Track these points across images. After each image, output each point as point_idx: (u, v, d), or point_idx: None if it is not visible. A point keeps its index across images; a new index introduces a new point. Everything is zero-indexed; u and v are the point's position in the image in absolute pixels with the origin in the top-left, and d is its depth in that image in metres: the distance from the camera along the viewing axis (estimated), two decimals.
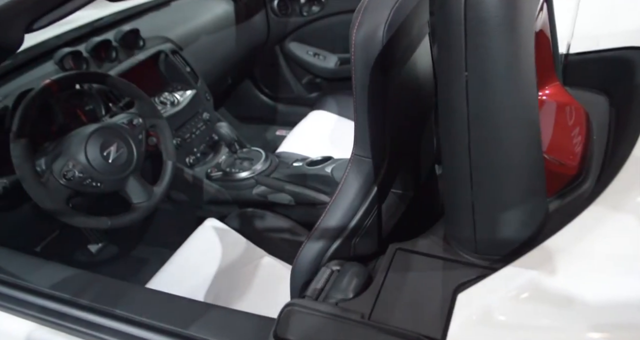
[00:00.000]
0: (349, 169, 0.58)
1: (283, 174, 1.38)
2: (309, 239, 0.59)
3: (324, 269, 0.53)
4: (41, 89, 0.91)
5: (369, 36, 0.52)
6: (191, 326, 0.52)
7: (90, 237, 1.61)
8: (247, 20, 1.83)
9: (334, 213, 0.57)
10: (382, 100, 0.54)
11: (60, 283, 0.62)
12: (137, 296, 0.60)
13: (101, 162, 0.99)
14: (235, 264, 1.23)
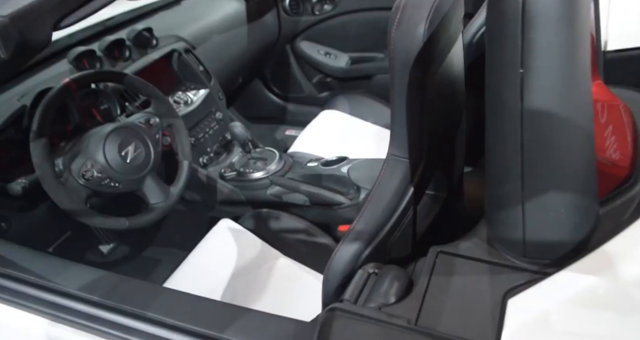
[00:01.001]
0: (385, 169, 0.57)
1: (297, 174, 1.36)
2: (343, 241, 0.58)
3: (361, 272, 0.52)
4: (61, 88, 0.90)
5: (410, 34, 0.51)
6: (226, 330, 0.51)
7: (102, 238, 1.60)
8: (258, 19, 1.82)
9: (370, 215, 0.55)
10: (421, 99, 0.53)
11: (88, 285, 0.61)
12: (168, 298, 0.58)
13: (119, 162, 0.98)
14: (251, 265, 1.22)
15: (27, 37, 0.58)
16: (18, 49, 0.57)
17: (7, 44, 0.56)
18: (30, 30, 0.57)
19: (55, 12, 0.59)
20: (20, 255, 0.72)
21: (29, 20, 0.57)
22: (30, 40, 0.58)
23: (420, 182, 0.56)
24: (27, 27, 0.57)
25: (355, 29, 1.84)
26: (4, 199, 1.00)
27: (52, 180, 0.87)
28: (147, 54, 1.40)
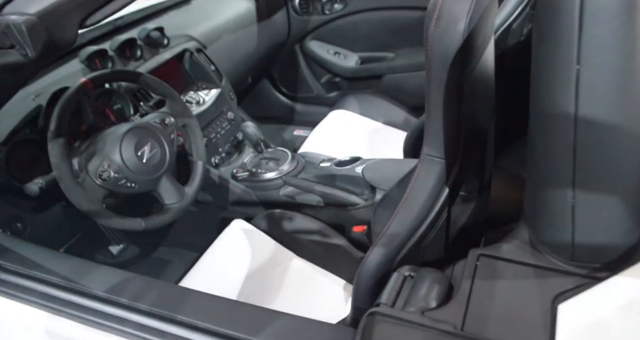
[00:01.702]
0: (420, 170, 0.56)
1: (310, 175, 1.35)
2: (376, 243, 0.57)
3: (396, 275, 0.50)
4: (78, 88, 0.89)
5: (449, 30, 0.50)
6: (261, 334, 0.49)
7: (111, 238, 1.59)
8: (268, 18, 1.81)
9: (405, 216, 0.54)
10: (458, 98, 0.52)
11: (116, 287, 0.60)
12: (196, 301, 0.57)
13: (135, 162, 0.97)
14: (265, 266, 1.21)
15: (54, 36, 0.57)
16: (45, 48, 0.56)
17: (35, 42, 0.55)
18: (57, 28, 0.56)
19: (81, 9, 0.58)
20: (45, 256, 0.71)
21: (56, 18, 0.56)
22: (57, 38, 0.57)
23: (455, 183, 0.55)
24: (54, 25, 0.56)
25: (366, 28, 1.83)
26: (19, 200, 0.99)
27: (70, 180, 0.86)
28: (159, 54, 1.39)
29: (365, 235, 1.22)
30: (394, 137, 1.69)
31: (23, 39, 0.55)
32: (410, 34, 1.77)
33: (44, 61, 0.60)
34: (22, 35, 0.55)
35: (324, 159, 1.42)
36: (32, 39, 0.55)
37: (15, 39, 0.55)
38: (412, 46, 1.81)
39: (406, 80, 1.84)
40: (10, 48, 0.57)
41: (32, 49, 0.55)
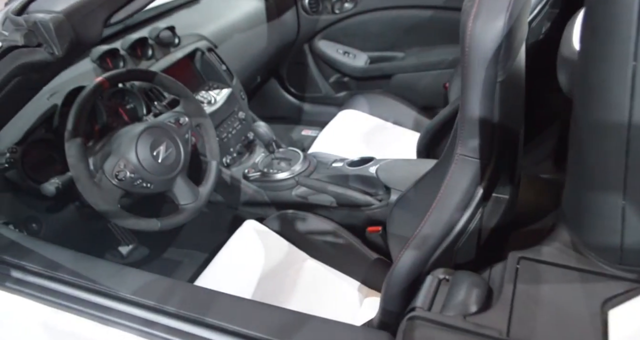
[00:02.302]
0: (453, 170, 0.55)
1: (323, 175, 1.34)
2: (408, 245, 0.56)
3: (431, 278, 0.49)
4: (95, 87, 0.88)
5: (489, 26, 0.48)
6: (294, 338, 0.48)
7: (121, 239, 1.58)
8: (277, 18, 1.80)
9: (438, 217, 0.53)
10: (494, 96, 0.51)
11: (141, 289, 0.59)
12: (223, 303, 0.56)
13: (151, 162, 0.96)
14: (278, 267, 1.20)
15: (80, 34, 0.56)
16: (71, 46, 0.55)
17: (62, 40, 0.54)
18: (83, 26, 0.55)
19: (106, 7, 0.57)
20: (68, 258, 0.70)
21: (82, 16, 0.55)
22: (83, 36, 0.56)
23: (488, 183, 0.54)
24: (80, 23, 0.55)
25: (376, 27, 1.82)
26: (33, 200, 0.98)
27: (87, 181, 0.85)
28: (170, 53, 1.38)
29: (380, 236, 1.21)
30: (405, 137, 1.68)
31: (50, 37, 0.54)
32: (421, 33, 1.76)
33: (68, 60, 0.60)
34: (49, 33, 0.54)
35: (335, 159, 1.41)
36: (59, 37, 0.54)
37: (42, 37, 0.54)
38: (422, 45, 1.80)
39: (416, 80, 1.83)
40: (37, 46, 0.56)
41: (59, 47, 0.54)
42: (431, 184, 0.97)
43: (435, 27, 1.72)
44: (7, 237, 0.74)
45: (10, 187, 0.92)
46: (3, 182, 0.91)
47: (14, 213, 0.91)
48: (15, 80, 0.60)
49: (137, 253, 1.61)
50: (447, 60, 1.73)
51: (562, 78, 0.59)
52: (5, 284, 0.64)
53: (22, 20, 0.54)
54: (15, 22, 0.55)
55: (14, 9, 0.56)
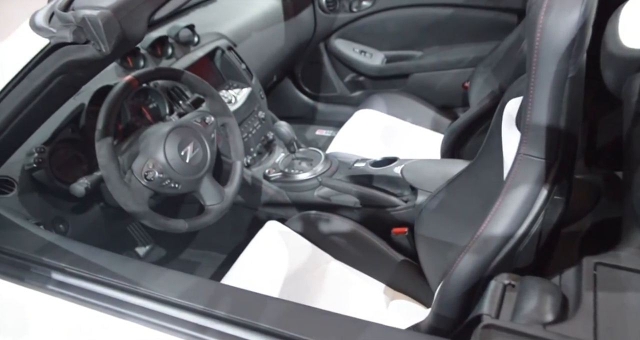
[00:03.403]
0: (517, 170, 0.53)
1: (345, 175, 1.33)
2: (468, 249, 0.54)
3: (495, 284, 0.48)
4: (124, 85, 0.87)
5: (564, 18, 0.46)
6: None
7: (138, 239, 1.57)
8: (294, 16, 1.79)
9: (500, 220, 0.51)
10: (562, 92, 0.49)
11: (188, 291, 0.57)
12: (271, 306, 0.55)
13: (179, 162, 0.94)
14: (302, 269, 1.18)
15: (127, 31, 0.54)
16: (118, 43, 0.54)
17: (109, 37, 0.52)
18: (129, 23, 0.54)
19: (150, 3, 0.55)
20: (106, 259, 0.68)
21: (128, 12, 0.53)
22: (129, 33, 0.55)
23: (552, 184, 0.52)
24: (126, 19, 0.54)
25: (394, 26, 1.80)
26: (60, 200, 0.96)
27: (117, 181, 0.83)
28: (190, 52, 1.36)
29: (405, 237, 1.19)
30: (423, 137, 1.66)
31: (98, 33, 0.53)
32: (440, 32, 1.74)
33: (113, 58, 0.58)
34: (97, 29, 0.52)
35: (357, 159, 1.40)
36: (107, 33, 0.52)
37: (90, 34, 0.53)
38: (441, 44, 1.78)
39: (435, 79, 1.81)
40: (85, 43, 0.54)
41: (107, 44, 0.53)
42: (466, 184, 0.96)
43: (455, 26, 1.70)
44: (44, 238, 0.73)
45: (37, 187, 0.91)
46: (30, 182, 0.90)
47: (42, 214, 0.90)
48: (59, 79, 0.59)
49: (154, 254, 1.59)
50: (466, 59, 1.71)
51: (608, 75, 0.57)
52: (47, 286, 0.62)
53: (70, 16, 0.53)
54: (64, 18, 0.53)
55: (60, 4, 0.55)
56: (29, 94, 0.60)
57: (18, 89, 0.59)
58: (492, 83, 1.44)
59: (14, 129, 0.63)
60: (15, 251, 0.68)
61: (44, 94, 0.60)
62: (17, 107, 0.61)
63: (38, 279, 0.64)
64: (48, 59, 0.57)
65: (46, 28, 0.55)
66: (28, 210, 0.86)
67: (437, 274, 1.01)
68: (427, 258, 1.06)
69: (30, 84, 0.59)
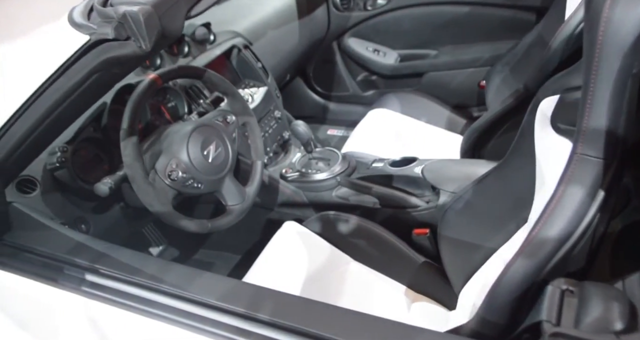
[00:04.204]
0: (573, 171, 0.51)
1: (363, 175, 1.31)
2: (520, 253, 0.52)
3: (552, 289, 0.46)
4: (149, 84, 0.85)
5: (630, 12, 0.44)
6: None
7: (152, 240, 1.55)
8: (308, 14, 1.77)
9: (556, 222, 0.50)
10: (625, 89, 0.47)
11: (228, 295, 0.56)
12: (315, 309, 0.53)
13: (202, 161, 0.93)
14: (322, 270, 1.16)
15: (166, 26, 0.53)
16: (158, 39, 0.52)
17: (150, 33, 0.51)
18: (168, 18, 0.52)
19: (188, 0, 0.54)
20: (141, 261, 0.67)
21: (167, 7, 0.52)
22: (168, 29, 0.53)
23: (609, 186, 0.50)
24: (165, 15, 0.52)
25: (408, 24, 1.78)
26: (80, 200, 0.95)
27: (142, 181, 0.82)
28: (206, 50, 1.35)
29: (427, 238, 1.18)
30: (439, 137, 1.64)
31: (139, 29, 0.51)
32: (456, 30, 1.73)
33: (151, 54, 0.57)
34: (138, 25, 0.51)
35: (375, 159, 1.38)
36: (148, 30, 0.51)
37: (131, 30, 0.51)
38: (456, 43, 1.77)
39: (450, 78, 1.79)
40: (126, 40, 0.53)
41: (148, 40, 0.51)
42: (494, 185, 0.94)
43: (471, 24, 1.68)
44: (73, 239, 0.71)
45: (59, 187, 0.90)
46: (52, 181, 0.88)
47: (65, 213, 0.88)
48: (95, 76, 0.57)
49: (167, 254, 1.58)
50: (482, 58, 1.69)
51: None
52: (82, 288, 0.61)
53: (112, 12, 0.51)
54: (105, 14, 0.52)
55: (99, 0, 0.53)
56: (65, 92, 0.58)
57: (55, 86, 0.58)
58: (511, 82, 1.43)
59: (46, 127, 0.62)
60: (46, 252, 0.67)
61: (79, 92, 0.58)
62: (53, 104, 0.59)
63: (72, 281, 0.62)
64: (87, 55, 0.56)
65: (86, 24, 0.54)
66: (51, 210, 0.85)
67: (460, 276, 0.99)
68: (450, 260, 1.04)
69: (67, 82, 0.58)
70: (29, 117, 0.60)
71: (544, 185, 0.78)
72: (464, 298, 0.97)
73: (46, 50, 0.61)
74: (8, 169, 0.67)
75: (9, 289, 0.68)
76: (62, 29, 0.57)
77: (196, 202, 1.33)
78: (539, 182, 0.79)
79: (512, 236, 0.86)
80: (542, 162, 0.79)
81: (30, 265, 0.67)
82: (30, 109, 0.59)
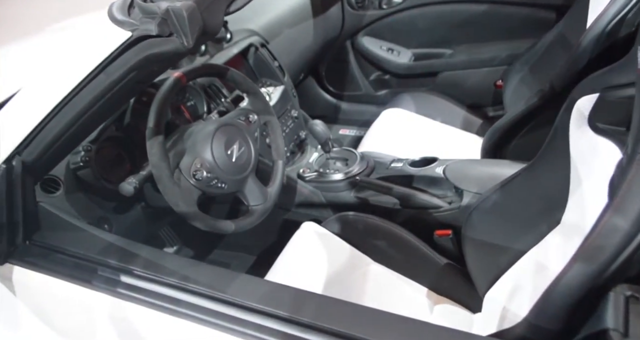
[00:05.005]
0: (636, 172, 0.49)
1: (382, 176, 1.30)
2: (577, 257, 0.51)
3: (614, 295, 0.44)
4: (174, 82, 0.83)
5: None
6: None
7: (166, 240, 1.54)
8: (322, 13, 1.75)
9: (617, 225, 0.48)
10: None
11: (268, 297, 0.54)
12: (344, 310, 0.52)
13: (226, 161, 0.91)
14: (342, 272, 1.15)
15: (207, 23, 0.51)
16: (199, 36, 0.51)
17: (193, 30, 0.49)
18: (209, 15, 0.51)
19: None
20: (176, 262, 0.65)
21: (208, 3, 0.50)
22: (209, 26, 0.52)
23: None
24: (207, 11, 0.51)
25: (424, 23, 1.76)
26: (102, 200, 0.94)
27: (169, 180, 0.81)
28: (223, 49, 1.33)
29: (450, 240, 1.16)
30: (455, 137, 1.62)
31: (182, 26, 0.49)
32: (472, 29, 1.71)
33: (192, 51, 0.55)
34: (181, 22, 0.49)
35: (393, 159, 1.37)
36: (191, 26, 0.49)
37: (174, 26, 0.50)
38: (472, 42, 1.75)
39: (465, 78, 1.78)
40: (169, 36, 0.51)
41: (190, 37, 0.50)
42: (524, 186, 0.92)
43: (488, 23, 1.67)
44: (104, 239, 0.70)
45: (81, 186, 0.88)
46: (75, 181, 0.87)
47: (89, 213, 0.87)
48: (134, 73, 0.56)
49: (182, 255, 1.57)
50: (499, 57, 1.67)
51: None
52: (117, 290, 0.60)
53: (155, 7, 0.50)
54: (147, 10, 0.50)
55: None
56: (102, 90, 0.57)
57: (93, 84, 0.56)
58: (531, 81, 1.41)
59: (80, 126, 0.60)
60: (79, 253, 0.65)
61: (116, 90, 0.57)
62: (90, 102, 0.58)
63: (107, 282, 0.61)
64: (128, 52, 0.54)
65: (128, 21, 0.52)
66: (76, 210, 0.83)
67: (486, 278, 0.98)
68: (475, 261, 1.02)
69: (106, 79, 0.56)
70: (65, 115, 0.58)
71: (580, 186, 0.76)
72: (490, 301, 0.96)
73: (83, 47, 0.60)
74: (39, 168, 0.66)
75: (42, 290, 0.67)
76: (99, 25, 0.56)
77: (212, 202, 1.32)
78: (574, 183, 0.77)
79: (543, 238, 0.84)
80: (577, 162, 0.77)
81: (62, 266, 0.65)
82: (67, 107, 0.58)
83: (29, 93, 0.61)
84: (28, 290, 0.68)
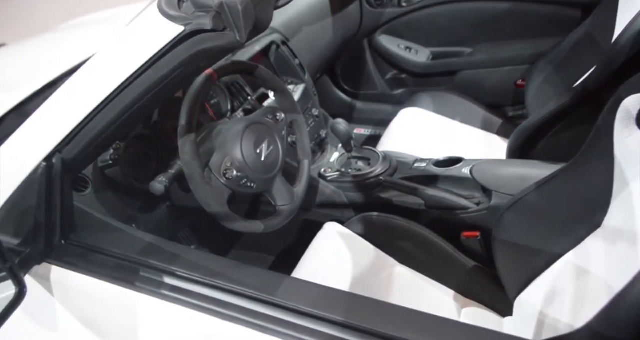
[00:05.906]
0: None
1: (406, 176, 1.27)
2: None
3: None
4: (206, 79, 0.82)
5: None
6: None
7: (183, 239, 1.52)
8: (340, 11, 1.73)
9: None
10: None
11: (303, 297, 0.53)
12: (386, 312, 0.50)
13: (255, 160, 0.90)
14: (367, 273, 1.13)
15: (259, 18, 0.49)
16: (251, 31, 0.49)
17: (247, 24, 0.48)
18: (261, 9, 0.49)
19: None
20: (218, 263, 0.64)
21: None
22: (260, 20, 0.50)
23: None
24: (259, 5, 0.49)
25: (443, 21, 1.74)
26: (129, 199, 0.92)
27: (201, 179, 0.79)
28: (245, 46, 1.31)
29: (477, 242, 1.14)
30: (477, 136, 1.60)
31: (236, 20, 0.48)
32: (492, 27, 1.68)
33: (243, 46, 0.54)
34: (235, 16, 0.48)
35: (416, 159, 1.34)
36: (245, 20, 0.47)
37: (228, 21, 0.48)
38: (493, 40, 1.72)
39: (485, 77, 1.75)
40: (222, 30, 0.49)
41: (244, 32, 0.48)
42: (562, 187, 0.90)
43: (509, 21, 1.64)
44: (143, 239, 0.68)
45: (109, 185, 0.87)
46: (103, 180, 0.85)
47: (118, 212, 0.85)
48: (182, 69, 0.54)
49: None
50: (521, 56, 1.65)
51: None
52: (161, 291, 0.58)
53: (209, 1, 0.48)
54: (202, 4, 0.49)
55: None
56: (149, 86, 0.55)
57: (141, 80, 0.55)
58: (556, 81, 1.38)
59: (122, 123, 0.59)
60: (119, 253, 0.64)
61: (162, 86, 0.55)
62: (136, 98, 0.56)
63: (151, 283, 0.59)
64: (179, 47, 0.53)
65: (180, 15, 0.50)
66: (105, 209, 0.82)
67: (518, 281, 0.96)
68: (506, 264, 1.00)
69: (154, 75, 0.54)
70: (108, 113, 0.57)
71: (626, 187, 0.74)
72: (523, 304, 0.94)
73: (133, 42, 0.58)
74: (76, 166, 0.64)
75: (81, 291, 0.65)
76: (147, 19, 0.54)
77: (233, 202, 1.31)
78: (619, 185, 0.75)
79: (582, 242, 0.82)
80: (623, 163, 0.75)
81: (103, 267, 0.64)
82: (111, 104, 0.56)
83: (73, 87, 0.60)
84: (66, 290, 0.66)
